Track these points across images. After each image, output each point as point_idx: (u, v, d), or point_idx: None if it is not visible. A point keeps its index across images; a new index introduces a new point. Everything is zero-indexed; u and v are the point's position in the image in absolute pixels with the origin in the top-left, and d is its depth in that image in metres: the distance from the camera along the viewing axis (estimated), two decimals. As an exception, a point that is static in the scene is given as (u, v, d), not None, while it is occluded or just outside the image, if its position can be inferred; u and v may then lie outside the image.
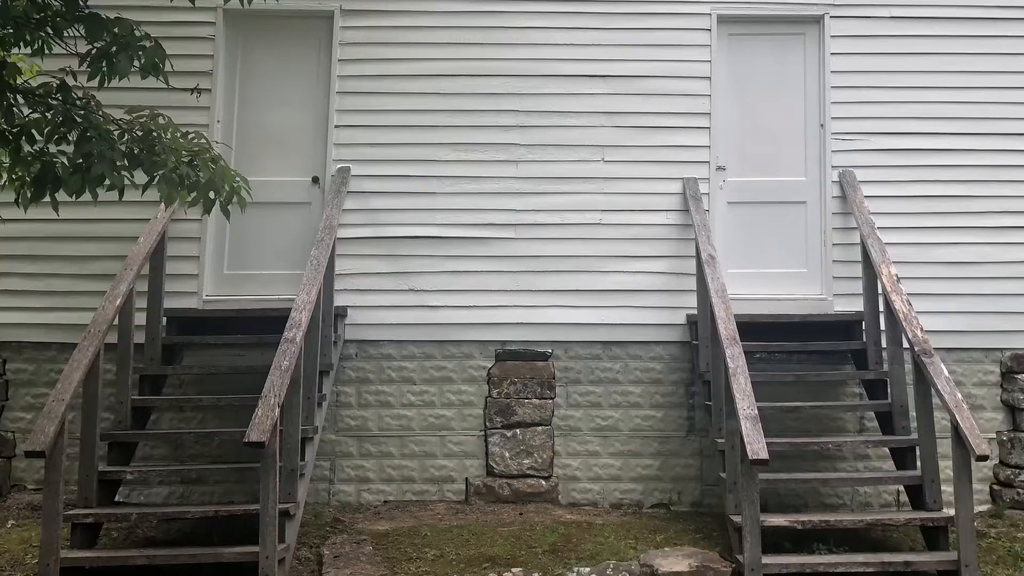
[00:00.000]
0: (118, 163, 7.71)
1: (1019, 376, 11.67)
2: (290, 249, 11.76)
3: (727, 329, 9.72)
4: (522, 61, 12.11)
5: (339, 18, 12.10)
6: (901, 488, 10.83)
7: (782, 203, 12.06)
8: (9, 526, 10.39)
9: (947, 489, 9.77)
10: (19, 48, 8.16)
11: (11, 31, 7.86)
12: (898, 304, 10.20)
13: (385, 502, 11.44)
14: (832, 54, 12.19)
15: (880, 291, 10.81)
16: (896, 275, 10.50)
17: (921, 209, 11.90)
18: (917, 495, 10.05)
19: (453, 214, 11.86)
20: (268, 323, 10.65)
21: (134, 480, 10.83)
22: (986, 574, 9.29)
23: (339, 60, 12.06)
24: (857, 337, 11.49)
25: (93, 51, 7.88)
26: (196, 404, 11.17)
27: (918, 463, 10.15)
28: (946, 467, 9.91)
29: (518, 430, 11.58)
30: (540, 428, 11.60)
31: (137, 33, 7.91)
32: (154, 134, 7.91)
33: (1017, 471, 11.48)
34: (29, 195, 7.93)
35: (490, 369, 11.72)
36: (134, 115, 8.06)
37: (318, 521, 10.59)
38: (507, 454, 11.54)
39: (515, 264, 11.79)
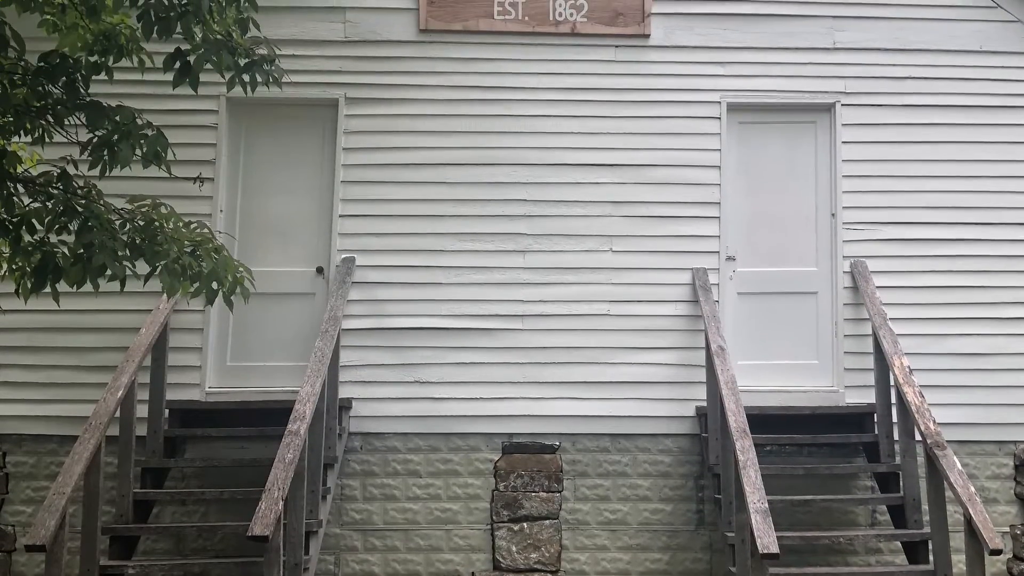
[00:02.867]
0: (120, 253, 7.63)
1: (1033, 469, 11.55)
2: (294, 340, 11.66)
3: (737, 421, 9.61)
4: (529, 150, 12.02)
5: (344, 106, 12.03)
6: (914, 583, 10.69)
7: (793, 293, 11.95)
8: (9, 622, 10.28)
9: (960, 584, 9.68)
10: (19, 136, 8.08)
11: (11, 119, 7.82)
12: (910, 396, 10.12)
13: (390, 597, 11.30)
14: (843, 142, 12.11)
15: (892, 383, 10.72)
16: (908, 367, 10.41)
17: (933, 300, 11.82)
18: (931, 590, 9.92)
19: (459, 305, 11.76)
20: (271, 415, 10.60)
21: (136, 575, 10.69)
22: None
23: (344, 148, 11.98)
24: (869, 429, 11.38)
25: (94, 139, 7.81)
26: (199, 497, 11.01)
27: (931, 557, 10.01)
28: (959, 561, 9.82)
29: (525, 524, 11.43)
30: (547, 522, 11.45)
31: (139, 121, 7.85)
32: (156, 224, 7.83)
33: (1032, 566, 11.35)
34: (29, 286, 7.84)
35: (496, 462, 11.57)
36: (136, 204, 7.99)
37: (322, 616, 10.47)
38: (514, 548, 11.37)
39: (522, 356, 11.68)
